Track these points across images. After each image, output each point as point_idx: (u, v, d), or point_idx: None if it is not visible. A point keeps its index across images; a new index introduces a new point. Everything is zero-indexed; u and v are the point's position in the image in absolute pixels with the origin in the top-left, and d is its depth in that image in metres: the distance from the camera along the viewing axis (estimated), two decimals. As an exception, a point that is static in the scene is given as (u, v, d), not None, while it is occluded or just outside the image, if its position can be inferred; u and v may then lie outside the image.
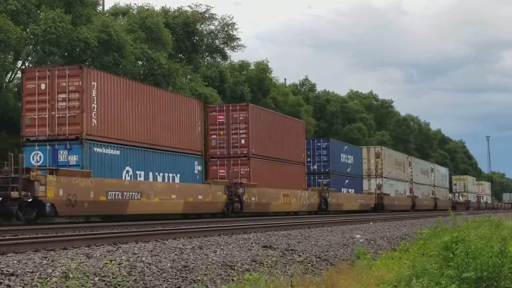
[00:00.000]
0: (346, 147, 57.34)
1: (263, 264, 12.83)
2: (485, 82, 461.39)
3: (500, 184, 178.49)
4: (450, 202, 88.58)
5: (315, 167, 51.86)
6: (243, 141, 37.95)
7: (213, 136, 38.34)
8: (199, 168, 34.06)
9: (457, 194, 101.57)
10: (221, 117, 38.43)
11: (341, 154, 54.99)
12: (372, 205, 58.01)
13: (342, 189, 53.98)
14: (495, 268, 8.87)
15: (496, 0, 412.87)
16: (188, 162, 33.05)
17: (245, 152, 37.96)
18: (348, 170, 56.39)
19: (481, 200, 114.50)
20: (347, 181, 55.69)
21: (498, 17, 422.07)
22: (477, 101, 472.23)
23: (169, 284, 10.30)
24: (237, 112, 38.38)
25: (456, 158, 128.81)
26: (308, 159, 49.91)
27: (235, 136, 38.14)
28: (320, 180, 49.57)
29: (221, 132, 38.20)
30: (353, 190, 56.58)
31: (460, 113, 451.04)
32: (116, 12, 50.27)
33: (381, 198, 60.21)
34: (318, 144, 52.85)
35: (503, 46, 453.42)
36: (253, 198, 36.48)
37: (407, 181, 71.74)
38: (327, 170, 51.92)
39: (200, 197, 32.07)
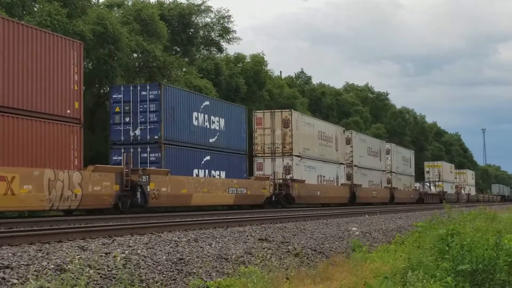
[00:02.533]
0: (207, 103, 36.05)
1: (259, 257, 12.83)
2: (480, 75, 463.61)
3: (496, 176, 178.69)
4: (416, 193, 75.97)
5: (137, 132, 31.87)
6: None
7: None
8: None
9: (427, 184, 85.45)
10: None
11: (194, 114, 34.31)
12: (271, 197, 41.11)
13: (196, 171, 34.05)
14: (490, 260, 8.88)
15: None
16: None
17: None
18: (213, 140, 35.93)
19: (462, 191, 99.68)
20: (207, 158, 35.26)
21: (494, 11, 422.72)
22: (472, 94, 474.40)
23: (164, 276, 10.29)
24: None
25: (451, 150, 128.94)
26: (126, 119, 31.88)
27: None
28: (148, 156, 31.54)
29: None
30: (223, 173, 36.65)
31: (456, 106, 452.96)
32: (111, 4, 50.12)
33: (287, 186, 42.34)
34: (143, 93, 31.98)
35: (499, 40, 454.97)
36: None
37: (341, 163, 53.15)
38: (156, 137, 31.71)
39: None
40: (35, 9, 37.77)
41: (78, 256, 10.16)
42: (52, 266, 9.42)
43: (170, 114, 32.36)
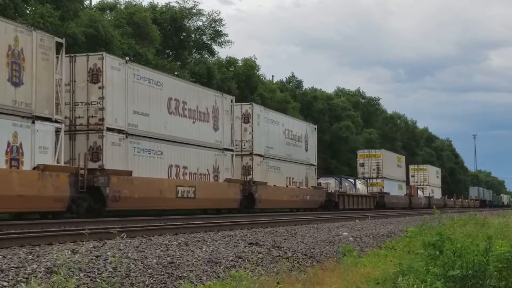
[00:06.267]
0: None
1: (249, 261, 12.82)
2: (471, 81, 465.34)
3: (486, 182, 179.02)
4: (318, 194, 47.23)
5: None
6: None
7: None
8: None
9: (351, 181, 57.72)
10: None
11: None
12: None
13: None
14: (480, 266, 8.89)
15: (483, 1, 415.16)
16: None
17: None
18: None
19: (418, 193, 75.62)
20: None
21: (485, 17, 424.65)
22: (463, 100, 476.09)
23: (154, 280, 10.27)
24: None
25: (442, 156, 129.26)
26: None
27: None
28: None
29: None
30: None
31: (447, 112, 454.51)
32: (103, 7, 50.08)
33: None
34: None
35: (490, 46, 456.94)
36: None
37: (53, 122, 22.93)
38: None
39: None
40: (28, 11, 37.70)
41: (69, 259, 10.14)
42: (43, 269, 9.40)
43: None
